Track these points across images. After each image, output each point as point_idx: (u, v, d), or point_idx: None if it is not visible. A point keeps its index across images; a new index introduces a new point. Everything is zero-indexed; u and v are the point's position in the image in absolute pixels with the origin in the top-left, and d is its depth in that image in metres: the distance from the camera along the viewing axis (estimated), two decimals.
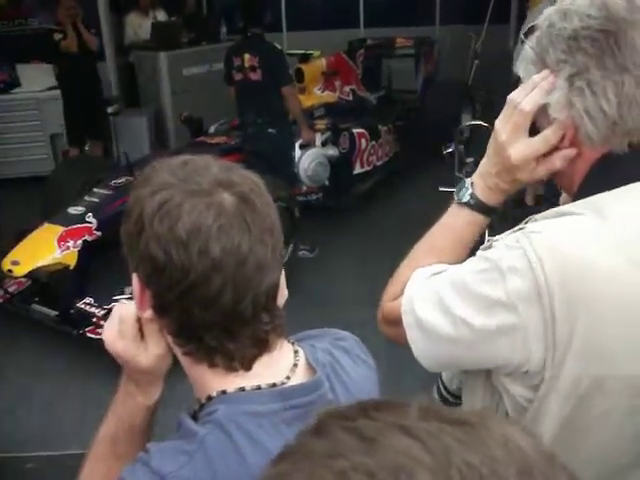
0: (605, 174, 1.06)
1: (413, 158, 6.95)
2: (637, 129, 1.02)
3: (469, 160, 4.10)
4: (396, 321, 1.16)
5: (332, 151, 6.02)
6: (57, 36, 6.56)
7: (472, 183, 1.24)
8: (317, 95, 6.56)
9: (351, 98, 6.90)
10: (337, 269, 5.23)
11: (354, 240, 5.70)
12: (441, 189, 3.98)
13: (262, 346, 0.94)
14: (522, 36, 1.15)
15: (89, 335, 3.89)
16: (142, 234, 0.88)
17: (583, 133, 1.05)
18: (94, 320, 3.93)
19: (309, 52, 6.63)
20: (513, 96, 1.13)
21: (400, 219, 5.87)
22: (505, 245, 1.04)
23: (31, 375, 4.02)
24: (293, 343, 1.03)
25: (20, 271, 4.16)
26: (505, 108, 1.15)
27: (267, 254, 0.90)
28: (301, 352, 1.01)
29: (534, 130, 1.12)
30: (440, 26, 9.72)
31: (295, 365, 0.98)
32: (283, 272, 0.98)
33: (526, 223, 1.09)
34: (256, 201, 0.90)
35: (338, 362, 1.03)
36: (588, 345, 0.98)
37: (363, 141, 6.39)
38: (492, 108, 1.18)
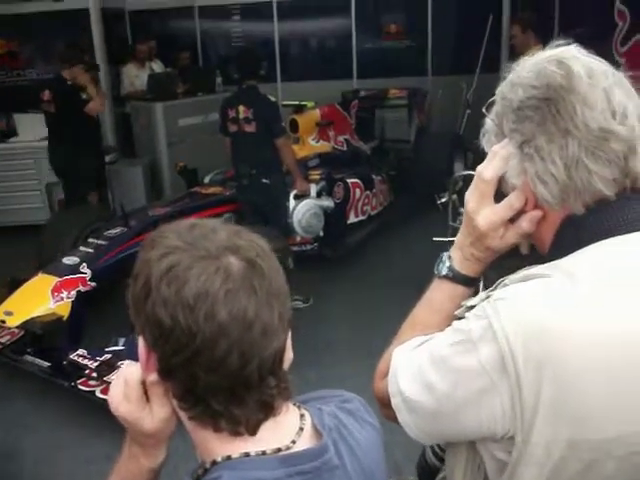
0: (572, 234, 1.08)
1: (407, 208, 7.00)
2: (586, 190, 1.04)
3: (463, 210, 4.13)
4: (387, 403, 1.17)
5: (327, 202, 6.06)
6: (86, 96, 6.32)
7: (449, 256, 1.27)
8: (311, 145, 6.62)
9: (345, 148, 6.96)
10: (332, 319, 5.21)
11: (349, 290, 5.69)
12: (435, 239, 4.00)
13: (268, 410, 0.94)
14: (484, 110, 1.20)
15: (81, 387, 3.82)
16: (149, 297, 0.88)
17: (540, 197, 1.08)
18: (87, 372, 3.87)
19: (303, 103, 6.70)
20: (479, 168, 1.18)
21: (395, 269, 5.88)
22: (474, 315, 1.06)
23: (22, 428, 3.95)
24: (299, 406, 1.02)
25: (13, 322, 4.12)
26: (473, 180, 1.20)
27: (273, 319, 0.90)
28: (307, 416, 1.01)
29: (503, 198, 1.16)
30: (432, 77, 9.86)
31: (301, 429, 0.98)
32: (290, 335, 0.97)
33: (496, 287, 1.10)
34: (263, 265, 0.91)
35: (344, 425, 1.03)
36: (557, 409, 0.97)
37: (357, 191, 6.43)
38: (484, 157, 1.21)
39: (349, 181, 6.34)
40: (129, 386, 1.00)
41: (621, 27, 5.77)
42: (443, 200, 4.48)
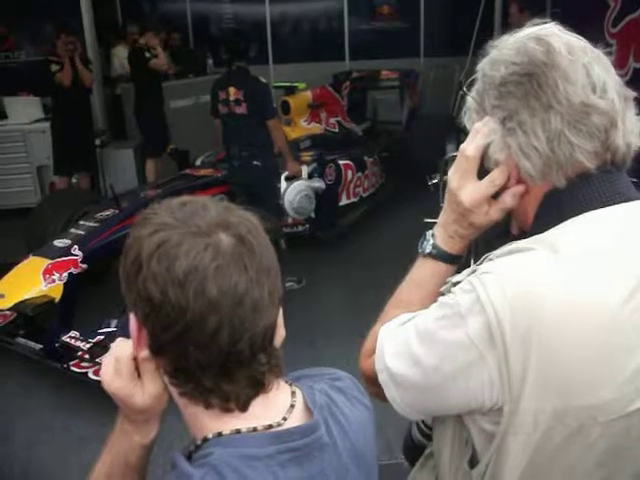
0: (554, 208, 1.10)
1: (399, 189, 7.00)
2: (569, 163, 1.06)
3: None
4: (374, 380, 1.18)
5: (318, 183, 6.05)
6: (54, 67, 6.56)
7: (433, 234, 1.29)
8: (303, 127, 6.61)
9: (337, 130, 6.96)
10: (324, 300, 5.23)
11: (341, 271, 5.70)
12: (426, 220, 4.01)
13: (258, 387, 0.94)
14: (464, 89, 1.21)
15: (74, 369, 3.82)
16: (140, 274, 0.88)
17: (523, 171, 1.10)
18: (79, 354, 3.87)
19: (295, 84, 6.68)
20: (462, 146, 1.19)
21: (386, 250, 5.88)
22: (461, 289, 1.07)
23: (15, 410, 3.96)
24: (291, 384, 1.03)
25: (5, 304, 4.11)
26: (456, 158, 1.21)
27: (263, 295, 0.90)
28: (299, 393, 1.01)
29: (486, 175, 1.17)
30: (424, 58, 9.84)
31: (292, 406, 0.98)
32: (281, 312, 0.98)
33: (482, 262, 1.11)
34: (253, 242, 0.91)
35: (335, 403, 1.03)
36: (544, 378, 0.99)
37: (349, 172, 6.43)
38: None
39: (341, 163, 6.33)
40: (120, 362, 1.00)
41: (613, 8, 5.75)
42: (434, 181, 4.47)
